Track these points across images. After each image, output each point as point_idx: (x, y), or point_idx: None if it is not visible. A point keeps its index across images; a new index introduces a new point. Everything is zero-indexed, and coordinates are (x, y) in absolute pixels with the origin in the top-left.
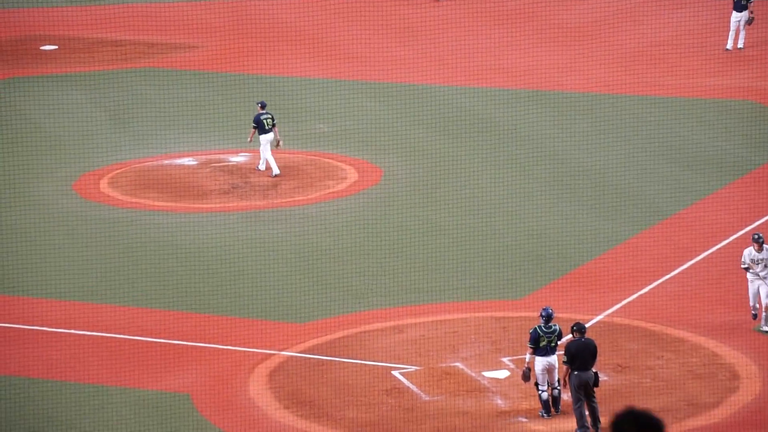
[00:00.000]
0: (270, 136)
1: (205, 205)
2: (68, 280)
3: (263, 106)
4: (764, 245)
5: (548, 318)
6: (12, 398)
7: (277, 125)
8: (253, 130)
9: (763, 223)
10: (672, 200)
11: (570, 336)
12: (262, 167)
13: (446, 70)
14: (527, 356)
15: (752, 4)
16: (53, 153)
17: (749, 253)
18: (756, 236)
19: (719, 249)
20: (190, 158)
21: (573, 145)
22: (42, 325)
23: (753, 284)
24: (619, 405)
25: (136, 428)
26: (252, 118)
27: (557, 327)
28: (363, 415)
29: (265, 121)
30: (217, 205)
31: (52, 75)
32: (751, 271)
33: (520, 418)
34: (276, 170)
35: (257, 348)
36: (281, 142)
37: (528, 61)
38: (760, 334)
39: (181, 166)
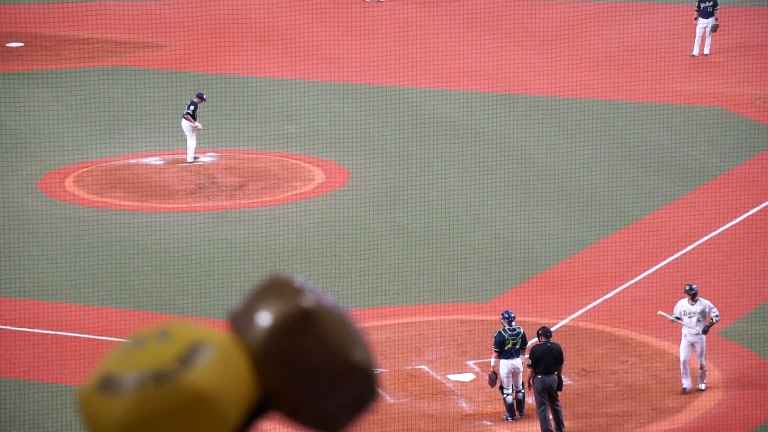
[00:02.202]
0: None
1: (171, 205)
2: (32, 279)
3: (200, 97)
4: (697, 297)
5: (510, 320)
6: None
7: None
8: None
9: (727, 229)
10: (638, 205)
11: (536, 339)
12: (191, 158)
13: (414, 73)
14: (492, 360)
15: (717, 10)
16: (18, 151)
17: (681, 305)
18: (688, 287)
19: (684, 254)
20: (157, 158)
21: (540, 148)
22: (5, 324)
23: (686, 338)
24: (582, 409)
25: None
26: (192, 109)
27: (521, 329)
28: None
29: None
30: (184, 205)
31: (17, 72)
32: (685, 325)
33: (484, 422)
34: (191, 156)
35: None
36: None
37: (496, 65)
38: (721, 340)
39: (148, 166)
